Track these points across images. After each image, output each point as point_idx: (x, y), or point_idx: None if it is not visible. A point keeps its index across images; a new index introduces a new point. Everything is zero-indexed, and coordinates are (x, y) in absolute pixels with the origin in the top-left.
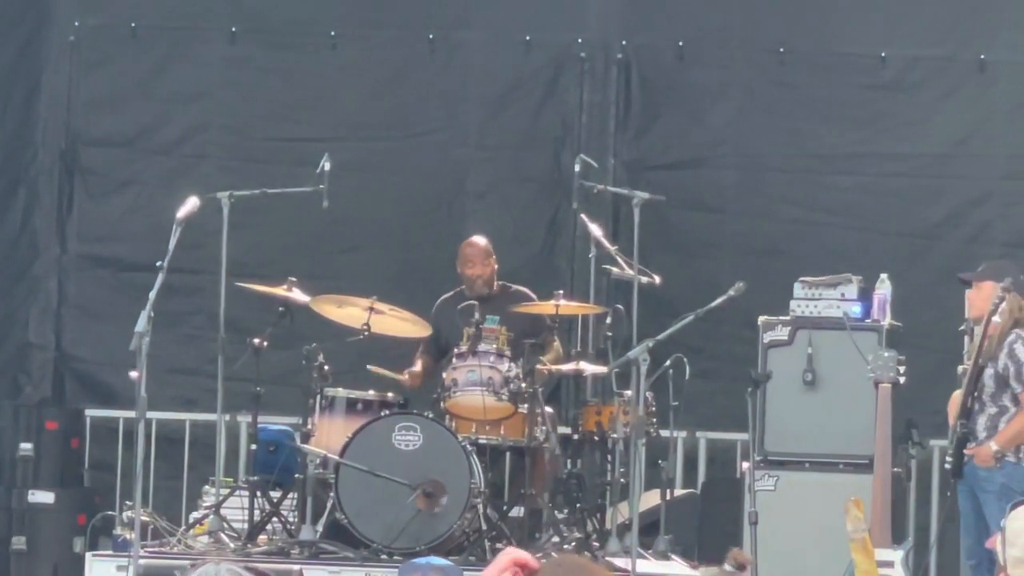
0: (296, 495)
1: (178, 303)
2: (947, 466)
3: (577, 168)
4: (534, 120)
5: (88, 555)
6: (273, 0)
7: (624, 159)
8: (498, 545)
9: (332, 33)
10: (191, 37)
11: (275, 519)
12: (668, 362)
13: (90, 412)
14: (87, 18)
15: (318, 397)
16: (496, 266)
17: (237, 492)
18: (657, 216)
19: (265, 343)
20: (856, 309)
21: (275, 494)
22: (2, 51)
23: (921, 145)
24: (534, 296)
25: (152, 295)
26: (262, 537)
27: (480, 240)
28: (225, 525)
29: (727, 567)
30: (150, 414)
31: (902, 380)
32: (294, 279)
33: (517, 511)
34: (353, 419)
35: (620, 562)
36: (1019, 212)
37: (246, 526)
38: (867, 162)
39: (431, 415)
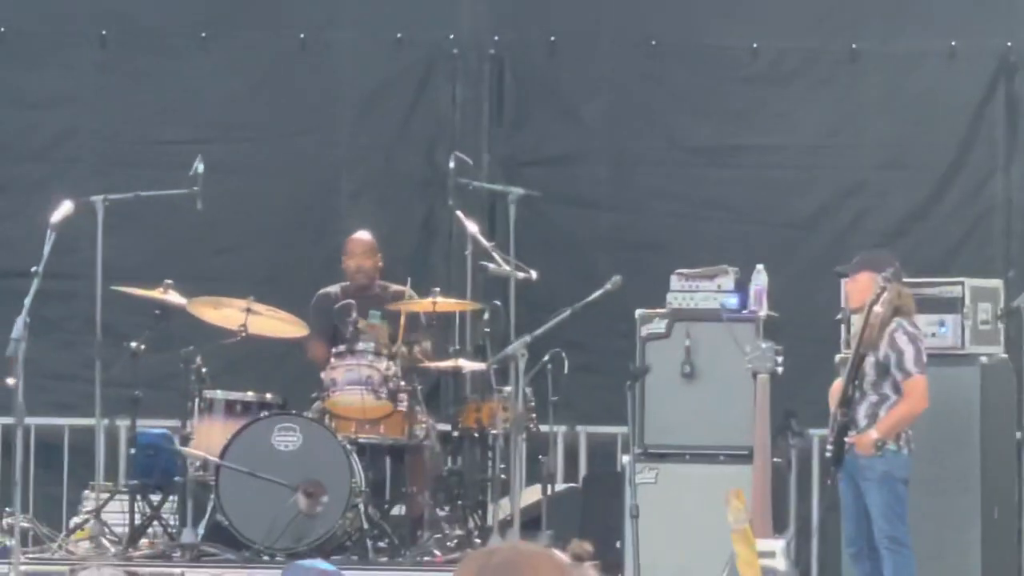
0: (176, 498)
1: (54, 308)
2: (828, 455)
3: (452, 165)
4: (407, 118)
5: None
6: (142, 3)
7: (498, 155)
8: (380, 544)
9: (202, 35)
10: (61, 42)
11: (156, 523)
12: (546, 357)
13: None
14: None
15: (197, 400)
16: (380, 263)
17: (117, 496)
18: (533, 212)
19: (142, 347)
20: (733, 300)
21: (155, 498)
22: None
23: (794, 136)
24: (414, 294)
25: (28, 301)
26: (143, 541)
27: (365, 235)
28: (106, 530)
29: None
30: (28, 420)
31: (780, 370)
32: (170, 282)
33: (398, 510)
34: (232, 421)
35: None
36: (892, 201)
37: (127, 530)
38: (740, 154)
39: (310, 415)
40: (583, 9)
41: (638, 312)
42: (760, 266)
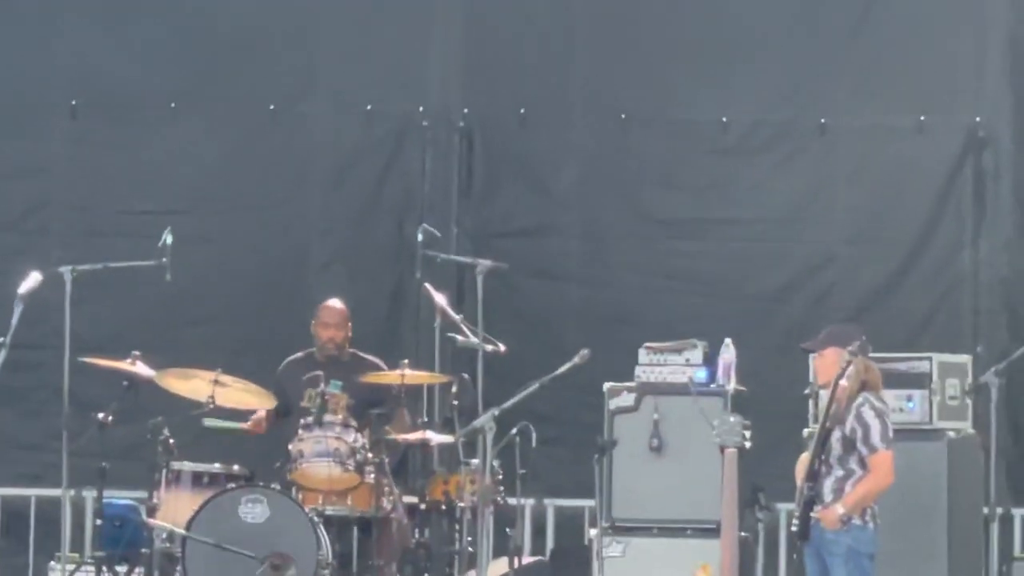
0: (143, 570)
1: (22, 378)
2: (794, 529)
3: (420, 237)
4: (377, 190)
5: None
6: (113, 72)
7: (467, 227)
8: None
9: (172, 105)
10: (31, 111)
11: None
12: (514, 430)
13: None
14: None
15: (164, 471)
16: (350, 333)
17: (83, 568)
18: (501, 284)
19: (110, 418)
20: (701, 374)
21: (122, 569)
22: None
23: (763, 209)
24: (385, 367)
25: None
26: None
27: (337, 304)
28: None
29: None
30: None
31: (748, 445)
32: (138, 353)
33: None
34: (199, 492)
35: None
36: (861, 274)
37: None
38: (710, 227)
39: (278, 487)
40: (553, 81)
41: (606, 385)
42: (728, 340)
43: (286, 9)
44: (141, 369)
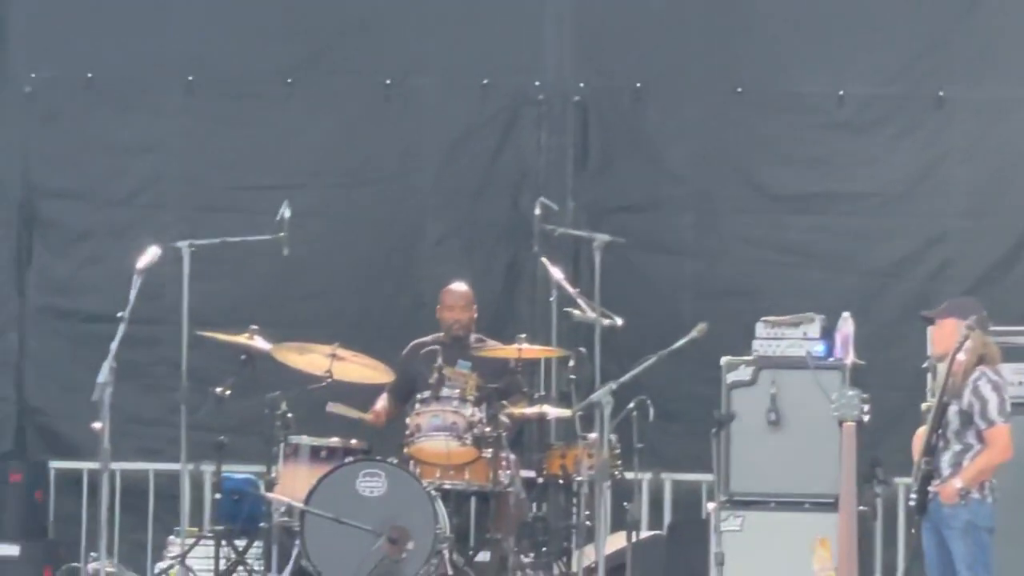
0: (262, 544)
1: (140, 353)
2: (912, 503)
3: (537, 211)
4: (492, 164)
5: None
6: (228, 49)
7: (583, 201)
8: None
9: (288, 81)
10: (147, 87)
11: (241, 568)
12: (631, 404)
13: (54, 464)
14: (42, 70)
15: (282, 445)
16: (475, 314)
17: (202, 542)
18: (618, 258)
19: (228, 392)
20: (819, 348)
21: (240, 543)
22: None
23: (879, 183)
24: (498, 344)
25: (114, 346)
26: None
27: (461, 286)
28: (191, 575)
29: None
30: (114, 465)
31: (866, 419)
32: (256, 327)
33: (483, 556)
34: (317, 466)
35: None
36: (978, 249)
37: None
38: (826, 201)
39: (395, 461)
40: (668, 56)
41: (723, 359)
42: (846, 313)
43: None
44: (258, 343)
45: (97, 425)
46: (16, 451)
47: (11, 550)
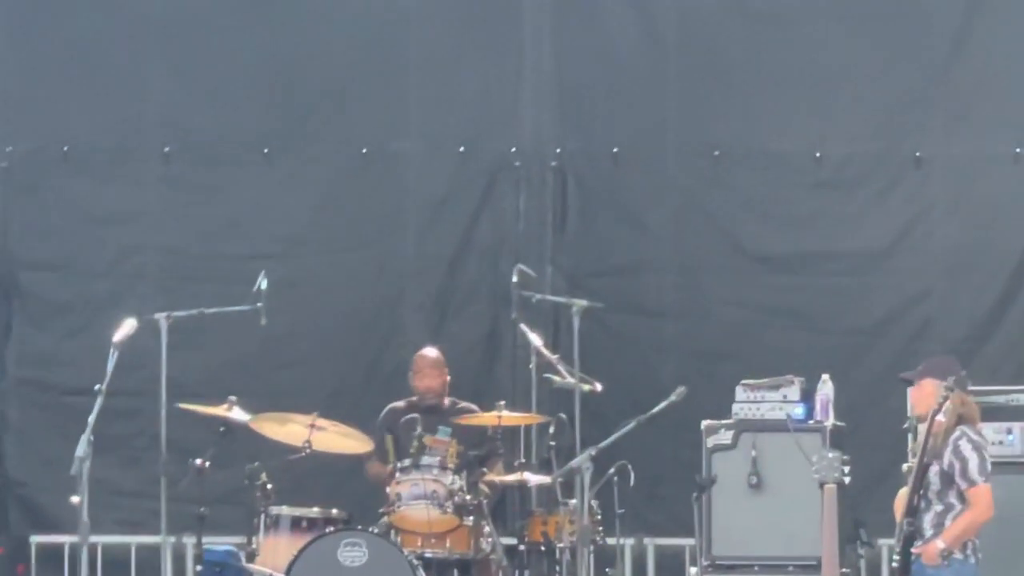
0: None
1: (119, 426)
2: (894, 565)
3: (515, 278)
4: (471, 229)
5: None
6: (205, 118)
7: (562, 266)
8: None
9: (265, 150)
10: (124, 158)
11: None
12: (612, 469)
13: (35, 538)
14: (18, 143)
15: (262, 516)
16: (448, 378)
17: None
18: (597, 322)
19: (207, 463)
20: (799, 411)
21: None
22: None
23: (859, 242)
24: (479, 411)
25: (91, 419)
26: None
27: (432, 352)
28: None
29: None
30: (94, 538)
31: (847, 480)
32: (234, 398)
33: None
34: (298, 537)
35: None
36: (960, 307)
37: None
38: (806, 261)
39: (376, 530)
40: (646, 118)
41: (704, 423)
42: (826, 376)
43: (376, 51)
44: (237, 414)
45: (76, 499)
46: None
47: None
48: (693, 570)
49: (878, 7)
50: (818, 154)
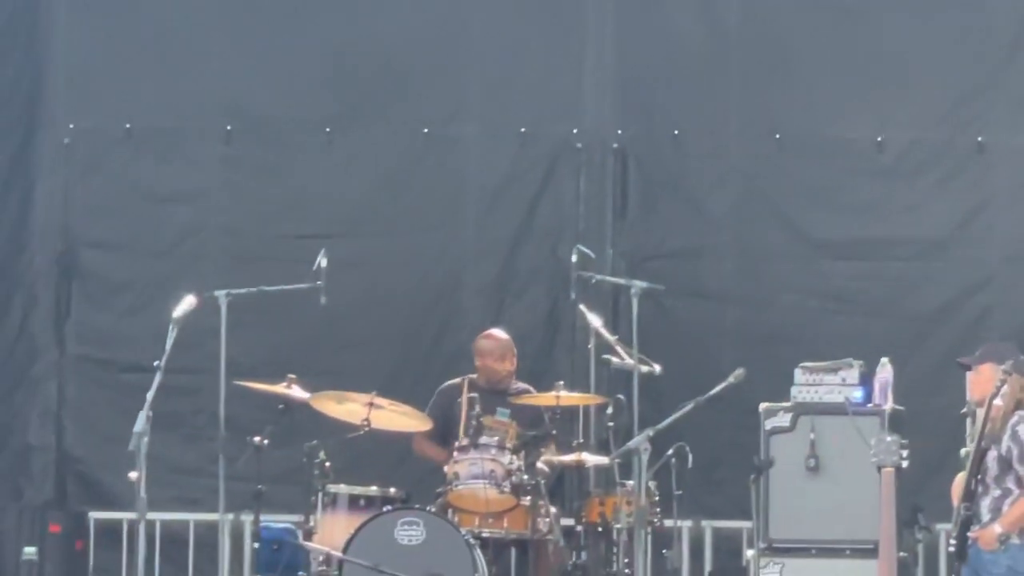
0: None
1: (178, 403)
2: (952, 549)
3: (574, 259)
4: (531, 212)
5: None
6: (267, 97)
7: (622, 249)
8: None
9: (327, 130)
10: (186, 137)
11: None
12: (670, 451)
13: (93, 514)
14: (81, 121)
15: (320, 494)
16: (515, 363)
17: None
18: (656, 305)
19: (266, 441)
20: (857, 394)
21: None
22: None
23: (920, 229)
24: (533, 391)
25: (150, 395)
26: None
27: (499, 334)
28: None
29: None
30: (152, 515)
31: (905, 464)
32: (293, 376)
33: None
34: (356, 515)
35: None
36: (1019, 295)
37: None
38: (866, 247)
39: (433, 509)
40: (708, 102)
41: (762, 406)
42: (885, 359)
43: (439, 33)
44: (296, 392)
45: (134, 475)
46: (56, 501)
47: None
48: (750, 552)
49: None
50: (880, 139)
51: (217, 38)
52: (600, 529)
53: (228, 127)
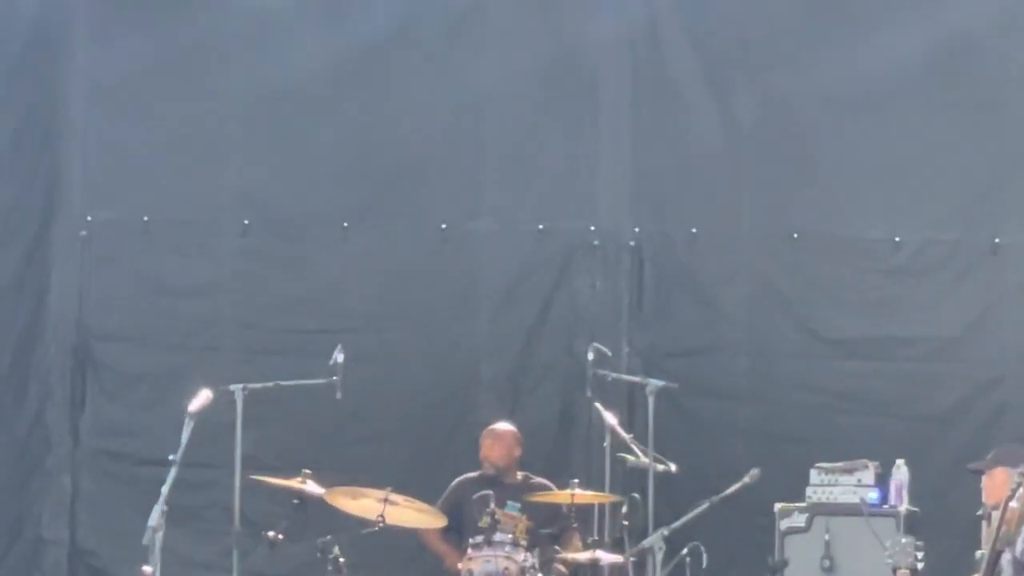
0: None
1: (192, 497)
2: None
3: (590, 356)
4: (546, 308)
5: None
6: (284, 191)
7: (638, 346)
8: None
9: (344, 224)
10: (203, 229)
11: None
12: (685, 550)
13: None
14: (98, 213)
15: None
16: (518, 453)
17: None
18: (671, 403)
19: (280, 536)
20: (873, 495)
21: None
22: (13, 245)
23: (935, 328)
24: (554, 488)
25: (165, 489)
26: None
27: (504, 426)
28: None
29: None
30: None
31: (920, 566)
32: (308, 471)
33: None
34: None
35: None
36: None
37: None
38: (879, 346)
39: None
40: (724, 201)
41: (777, 506)
42: (900, 461)
43: (454, 130)
44: (311, 487)
45: (147, 569)
46: None
47: None
48: None
49: (957, 95)
50: (896, 238)
51: (235, 132)
52: None
53: (245, 220)
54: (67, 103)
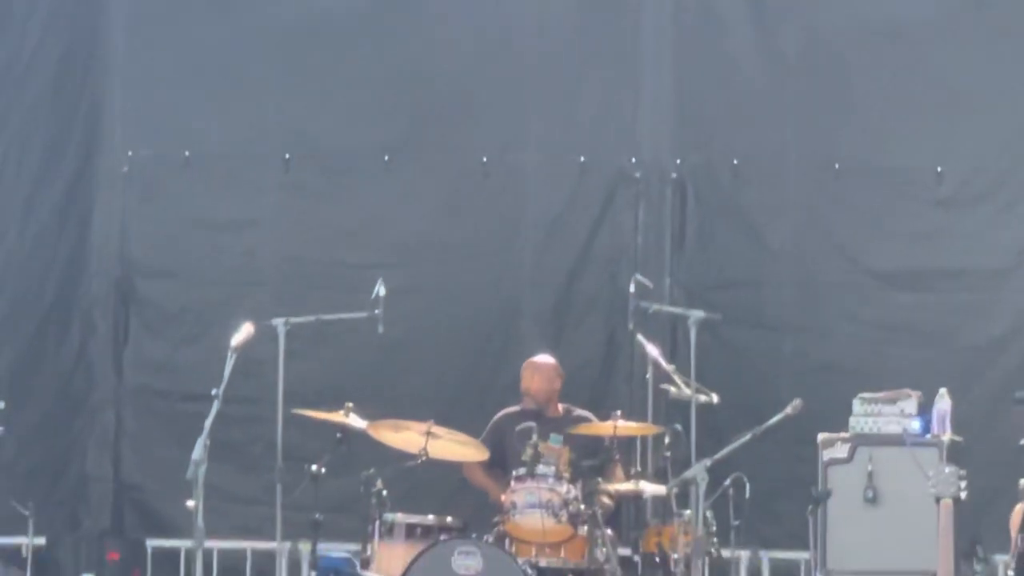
0: None
1: (235, 432)
2: None
3: (632, 289)
4: (589, 241)
5: None
6: (326, 125)
7: (681, 279)
8: None
9: (386, 157)
10: (244, 165)
11: None
12: (727, 481)
13: (151, 542)
14: (140, 148)
15: (377, 523)
16: (558, 385)
17: None
18: (714, 335)
19: (323, 470)
20: (916, 425)
21: None
22: (55, 182)
23: (979, 259)
24: (594, 419)
25: (208, 423)
26: None
27: (546, 359)
28: None
29: None
30: (210, 543)
31: (964, 496)
32: (351, 405)
33: None
34: (413, 544)
35: None
36: None
37: None
38: (925, 277)
39: (491, 538)
40: (767, 132)
41: (820, 436)
42: (943, 390)
43: (497, 63)
44: (354, 421)
45: (191, 503)
46: (114, 529)
47: None
48: None
49: (1003, 24)
50: (940, 169)
51: (276, 66)
52: (657, 559)
53: (286, 155)
54: (108, 38)
